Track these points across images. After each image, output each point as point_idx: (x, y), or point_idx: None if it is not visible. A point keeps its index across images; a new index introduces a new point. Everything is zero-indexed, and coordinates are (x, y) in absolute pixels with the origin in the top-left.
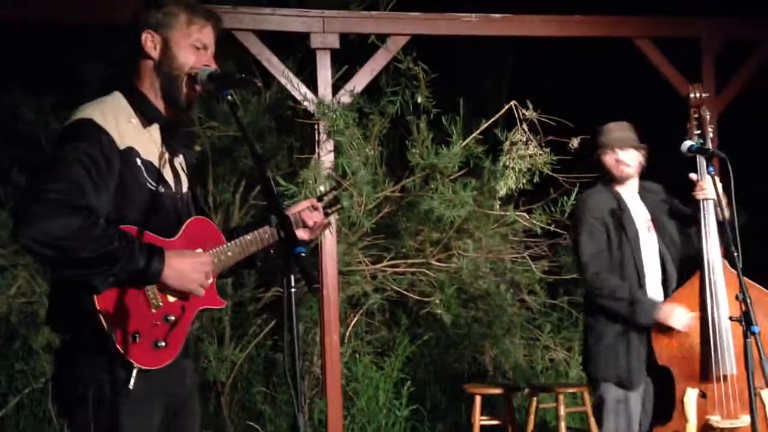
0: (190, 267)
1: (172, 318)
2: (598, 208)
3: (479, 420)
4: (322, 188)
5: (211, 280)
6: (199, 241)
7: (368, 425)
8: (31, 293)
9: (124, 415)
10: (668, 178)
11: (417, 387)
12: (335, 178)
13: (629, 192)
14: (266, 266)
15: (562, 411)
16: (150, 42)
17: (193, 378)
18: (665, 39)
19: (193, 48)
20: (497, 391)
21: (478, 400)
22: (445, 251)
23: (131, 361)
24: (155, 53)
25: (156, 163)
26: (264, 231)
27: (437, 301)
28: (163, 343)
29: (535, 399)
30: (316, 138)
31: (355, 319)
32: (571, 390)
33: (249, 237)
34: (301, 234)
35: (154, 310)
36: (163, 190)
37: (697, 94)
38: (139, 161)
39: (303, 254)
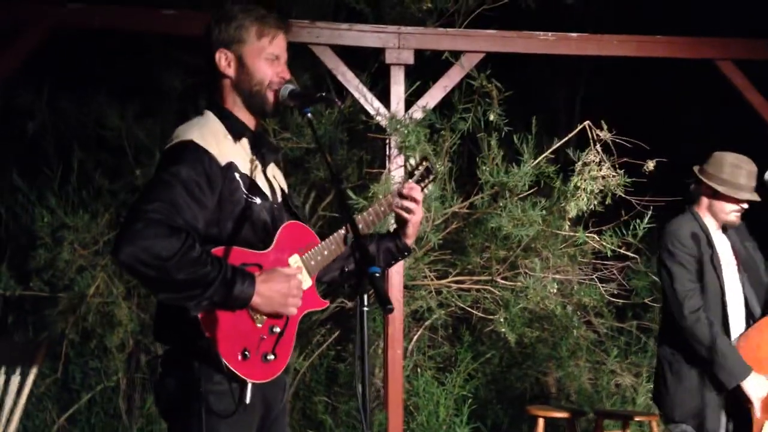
0: (278, 293)
1: (278, 329)
2: (690, 241)
3: None
4: (411, 161)
5: (311, 284)
6: (294, 247)
7: None
8: (108, 294)
9: (226, 427)
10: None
11: (478, 405)
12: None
13: (714, 224)
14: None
15: None
16: (224, 61)
17: (286, 394)
18: (748, 61)
19: (267, 61)
20: (561, 414)
21: (541, 422)
22: (512, 269)
23: (245, 378)
24: (231, 71)
25: (251, 175)
26: (358, 222)
27: (501, 320)
28: (273, 356)
29: (600, 425)
30: (387, 152)
31: (418, 333)
32: (639, 418)
33: (343, 232)
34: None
35: (259, 324)
36: (259, 201)
37: None
38: (237, 176)
39: (377, 274)
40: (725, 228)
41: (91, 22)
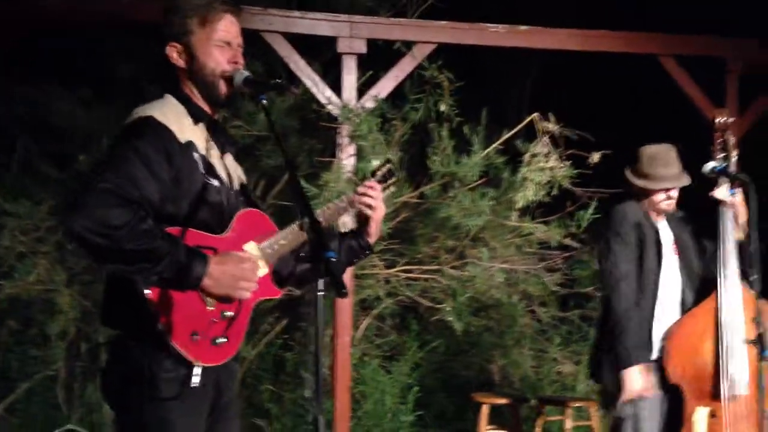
0: (231, 275)
1: (230, 314)
2: (635, 220)
3: (485, 429)
4: (375, 162)
5: (266, 272)
6: (251, 234)
7: (373, 428)
8: (49, 281)
9: (175, 412)
10: (684, 197)
11: (424, 393)
12: (356, 182)
13: (654, 215)
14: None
15: (569, 424)
16: (175, 53)
17: (236, 382)
18: (690, 57)
19: (217, 48)
20: (505, 401)
21: (485, 409)
22: (460, 259)
23: (192, 359)
24: (182, 63)
25: (209, 158)
26: (320, 215)
27: (449, 309)
28: (223, 339)
29: (542, 411)
30: (339, 141)
31: (366, 322)
32: (578, 404)
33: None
34: (355, 218)
35: (210, 308)
36: (217, 184)
37: (723, 119)
38: (196, 155)
39: (333, 259)
40: (667, 218)
41: (42, 10)
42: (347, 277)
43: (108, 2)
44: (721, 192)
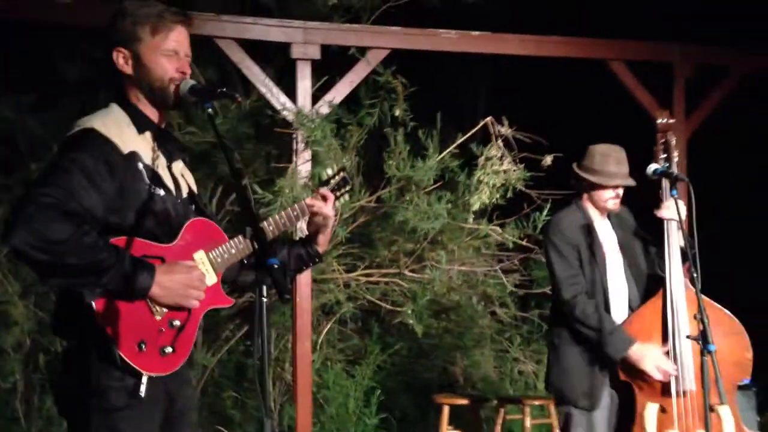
0: (179, 284)
1: (178, 323)
2: (570, 232)
3: (446, 430)
4: (329, 171)
5: (216, 281)
6: (200, 243)
7: None
8: (3, 292)
9: (125, 422)
10: (634, 200)
11: (387, 396)
12: (312, 188)
13: (598, 214)
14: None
15: (528, 423)
16: (121, 59)
17: (191, 388)
18: (639, 62)
19: (165, 57)
20: (465, 402)
21: (446, 410)
22: (419, 262)
23: (139, 369)
24: (129, 69)
25: (155, 167)
26: (269, 224)
27: (409, 311)
28: (170, 349)
29: (502, 411)
30: (294, 147)
31: (328, 326)
32: (537, 402)
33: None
34: (306, 226)
35: (158, 317)
36: (163, 193)
37: (665, 120)
38: (141, 165)
39: (276, 266)
40: (610, 217)
41: None
42: (306, 281)
43: (43, 3)
44: (667, 212)
